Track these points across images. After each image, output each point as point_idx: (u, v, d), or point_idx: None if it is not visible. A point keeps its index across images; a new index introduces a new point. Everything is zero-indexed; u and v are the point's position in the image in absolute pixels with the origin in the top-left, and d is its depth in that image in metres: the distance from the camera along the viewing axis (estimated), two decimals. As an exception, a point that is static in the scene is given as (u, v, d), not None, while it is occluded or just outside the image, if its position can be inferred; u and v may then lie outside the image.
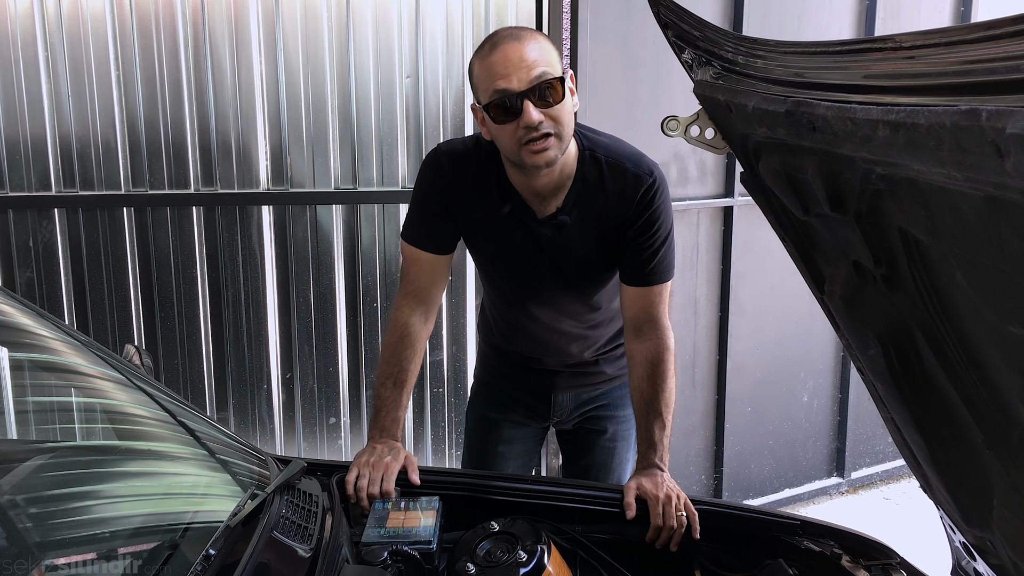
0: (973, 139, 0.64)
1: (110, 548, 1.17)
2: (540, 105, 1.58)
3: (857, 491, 4.22)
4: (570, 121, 1.64)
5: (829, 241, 1.28)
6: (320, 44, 2.94)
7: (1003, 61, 0.63)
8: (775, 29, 3.37)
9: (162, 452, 1.49)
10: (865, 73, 0.87)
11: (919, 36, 0.78)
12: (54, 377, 1.53)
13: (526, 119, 1.57)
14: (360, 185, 3.05)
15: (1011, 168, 0.60)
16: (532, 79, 1.56)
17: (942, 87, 0.72)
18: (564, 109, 1.61)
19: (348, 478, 1.62)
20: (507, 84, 1.57)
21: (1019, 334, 0.84)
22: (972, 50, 0.69)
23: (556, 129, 1.61)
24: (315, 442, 3.26)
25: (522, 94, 1.56)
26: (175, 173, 2.98)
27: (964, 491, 1.31)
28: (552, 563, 1.41)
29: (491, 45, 1.59)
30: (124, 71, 2.89)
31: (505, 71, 1.56)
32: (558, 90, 1.59)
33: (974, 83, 0.66)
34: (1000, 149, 0.61)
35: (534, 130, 1.58)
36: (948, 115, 0.67)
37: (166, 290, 3.07)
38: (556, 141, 1.62)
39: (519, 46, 1.57)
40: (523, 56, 1.56)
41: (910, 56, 0.80)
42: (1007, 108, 0.59)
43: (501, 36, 1.60)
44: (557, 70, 1.60)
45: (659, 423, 1.78)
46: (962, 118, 0.64)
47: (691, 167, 3.39)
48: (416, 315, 1.84)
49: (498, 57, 1.57)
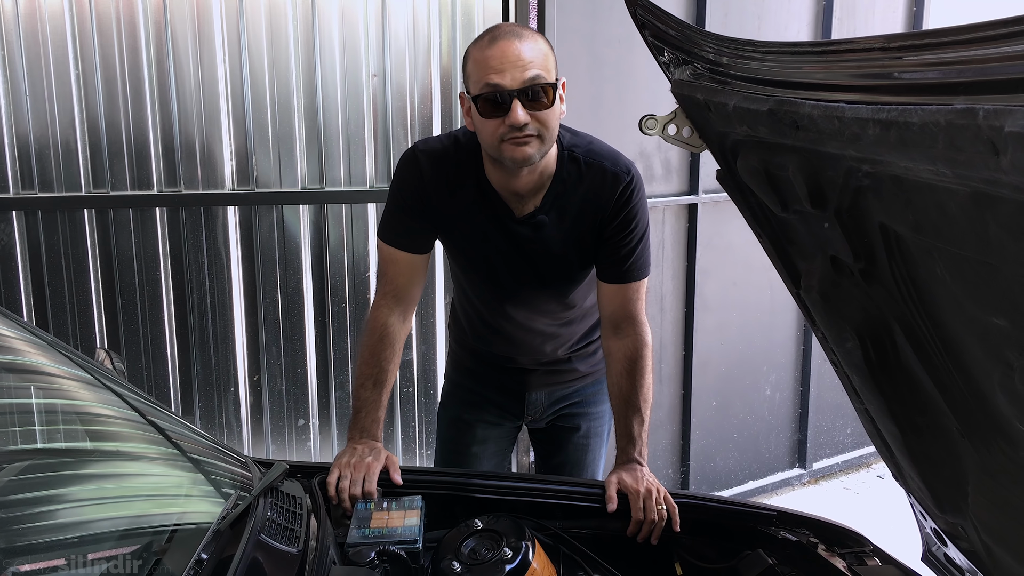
0: (968, 137, 0.66)
1: (95, 554, 1.15)
2: (529, 107, 1.58)
3: (818, 481, 4.30)
4: (555, 126, 1.65)
5: (807, 237, 1.30)
6: (285, 42, 2.92)
7: (997, 62, 0.66)
8: (736, 29, 3.42)
9: (143, 455, 1.47)
10: (851, 73, 0.89)
11: (907, 37, 0.80)
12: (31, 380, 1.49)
13: (512, 118, 1.58)
14: (327, 185, 3.03)
15: (1007, 165, 0.63)
16: (525, 80, 1.57)
17: (933, 86, 0.74)
18: (552, 114, 1.62)
19: (330, 479, 1.62)
20: (500, 80, 1.57)
21: (1001, 324, 0.87)
22: (963, 51, 0.71)
23: (540, 131, 1.62)
24: (284, 444, 3.23)
25: (513, 92, 1.57)
26: (137, 174, 2.92)
27: (938, 479, 1.35)
28: (536, 559, 1.42)
29: (491, 38, 1.59)
30: (84, 70, 2.84)
31: (500, 67, 1.56)
32: (549, 95, 1.60)
33: (968, 83, 0.69)
34: (996, 147, 0.63)
35: (519, 129, 1.58)
36: (943, 114, 0.69)
37: (129, 293, 3.02)
38: (538, 142, 1.63)
39: (518, 44, 1.57)
40: (520, 55, 1.56)
41: (897, 57, 0.82)
42: (1005, 107, 0.61)
43: (503, 31, 1.60)
44: (552, 75, 1.61)
45: (638, 418, 1.80)
46: (957, 116, 0.67)
47: (656, 165, 3.42)
48: (395, 315, 1.84)
49: (495, 51, 1.57)
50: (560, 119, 1.68)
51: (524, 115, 1.58)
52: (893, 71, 0.82)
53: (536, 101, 1.59)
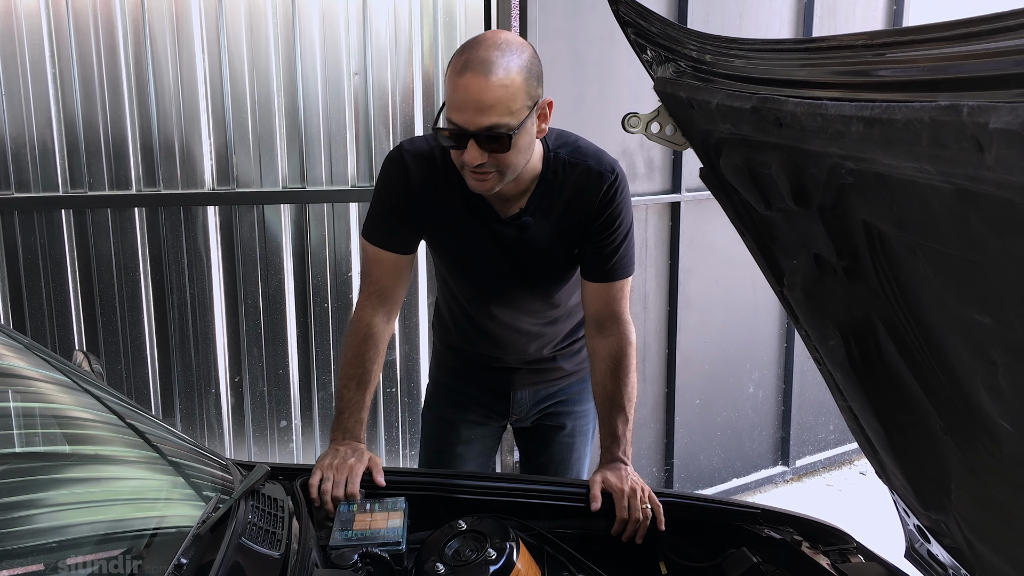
0: (952, 134, 0.66)
1: (73, 559, 1.14)
2: (485, 148, 1.54)
3: (801, 479, 4.32)
4: (518, 160, 1.61)
5: (790, 235, 1.30)
6: (265, 40, 2.89)
7: (981, 58, 0.65)
8: (717, 27, 3.43)
9: (120, 459, 1.45)
10: (835, 70, 0.89)
11: (888, 35, 0.80)
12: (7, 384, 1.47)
13: (467, 157, 1.55)
14: (308, 184, 3.01)
15: (991, 162, 0.62)
16: (481, 125, 1.52)
17: (916, 83, 0.74)
18: (510, 156, 1.57)
19: (312, 481, 1.60)
20: (459, 118, 1.53)
21: (984, 322, 0.87)
22: (946, 47, 0.71)
23: (499, 168, 1.59)
24: (266, 446, 3.20)
25: (469, 133, 1.54)
26: (115, 174, 2.89)
27: (921, 476, 1.35)
28: (521, 559, 1.41)
29: (463, 65, 1.52)
30: (60, 68, 2.80)
31: (461, 105, 1.52)
32: (505, 142, 1.54)
33: (951, 79, 0.68)
34: (980, 143, 0.63)
35: (476, 166, 1.57)
36: (927, 111, 0.68)
37: (108, 294, 2.98)
38: (497, 176, 1.61)
39: (482, 83, 1.49)
40: (482, 97, 1.50)
41: (880, 53, 0.82)
42: (989, 103, 0.60)
43: (473, 60, 1.51)
44: (518, 115, 1.54)
45: (622, 417, 1.80)
46: (941, 113, 0.66)
47: (639, 164, 3.42)
48: (379, 316, 1.82)
49: (460, 85, 1.51)
50: (541, 135, 1.66)
51: (479, 157, 1.55)
52: (876, 68, 0.82)
53: (492, 145, 1.54)
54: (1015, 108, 0.57)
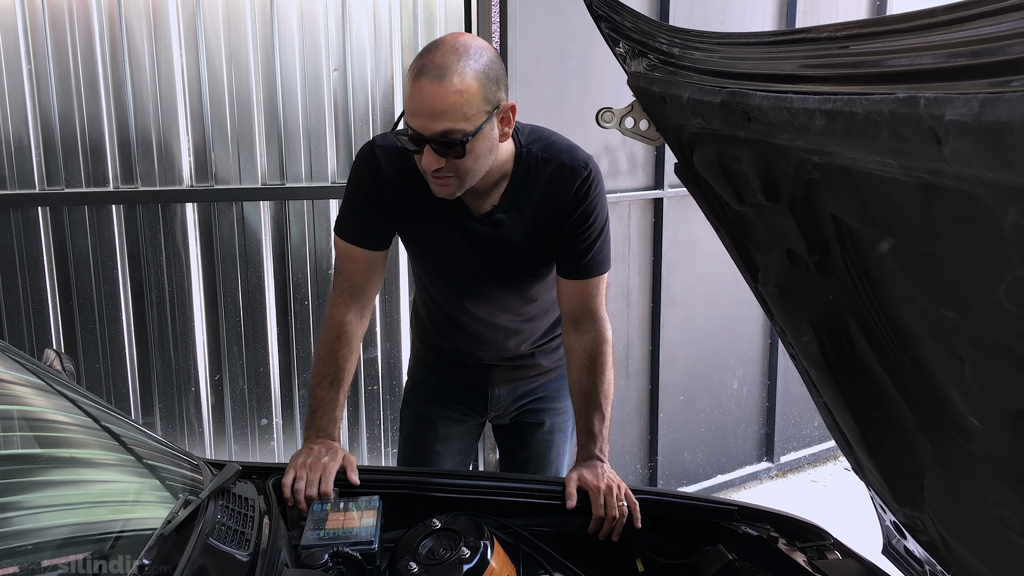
0: (911, 126, 0.65)
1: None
2: (440, 153, 1.54)
3: (786, 475, 4.33)
4: (476, 166, 1.59)
5: (763, 230, 1.30)
6: (243, 36, 2.86)
7: (938, 49, 0.64)
8: (700, 23, 3.42)
9: (88, 460, 1.43)
10: (800, 63, 0.88)
11: (853, 26, 0.79)
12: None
13: (423, 163, 1.55)
14: (288, 181, 2.99)
15: (948, 155, 0.61)
16: (435, 131, 1.51)
17: (877, 76, 0.73)
18: (466, 162, 1.56)
19: (285, 480, 1.59)
20: (414, 124, 1.52)
21: (951, 317, 0.86)
22: (906, 39, 0.70)
23: (458, 173, 1.58)
24: (247, 444, 3.18)
25: (424, 139, 1.53)
26: (92, 171, 2.86)
27: (895, 471, 1.35)
28: (495, 558, 1.40)
29: (418, 70, 1.50)
30: (36, 65, 2.77)
31: (416, 109, 1.51)
32: (459, 148, 1.53)
33: (910, 71, 0.67)
34: (938, 136, 0.62)
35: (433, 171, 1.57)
36: (886, 103, 0.68)
37: (86, 292, 2.95)
38: (457, 180, 1.60)
39: (436, 88, 1.48)
40: (434, 104, 1.48)
41: (844, 46, 0.81)
42: (945, 95, 0.60)
43: (428, 66, 1.50)
44: (473, 121, 1.52)
45: (598, 414, 1.79)
46: (900, 106, 0.65)
47: (622, 159, 3.41)
48: (352, 312, 1.80)
49: (416, 89, 1.50)
50: (503, 141, 1.65)
51: (434, 162, 1.55)
52: (840, 61, 0.81)
53: (447, 151, 1.54)
54: (969, 100, 0.56)
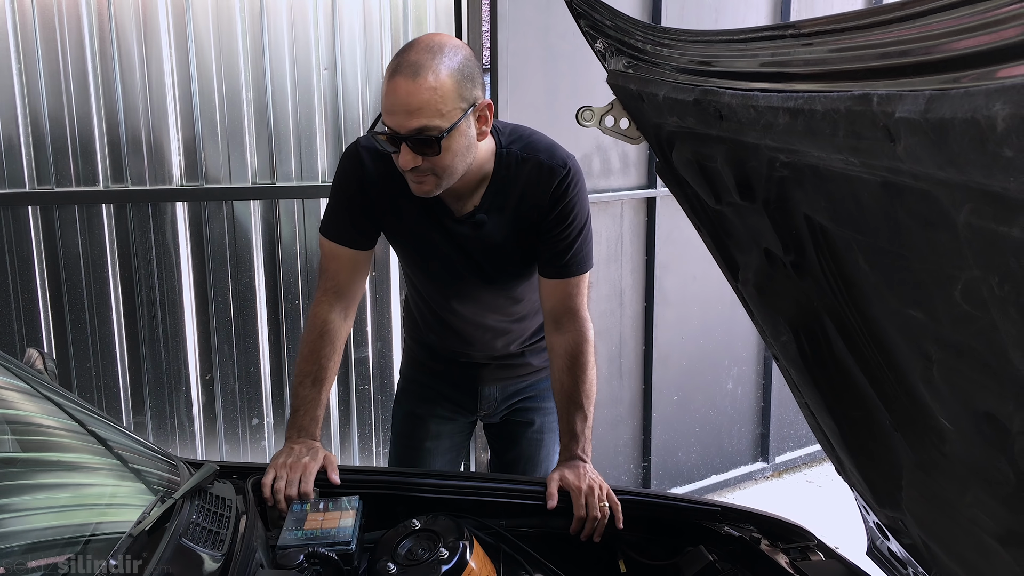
0: (866, 124, 0.64)
1: (4, 565, 1.11)
2: (417, 150, 1.54)
3: (781, 475, 4.32)
4: (453, 165, 1.59)
5: (741, 229, 1.29)
6: (233, 35, 2.86)
7: (893, 46, 0.64)
8: (693, 21, 3.41)
9: (64, 460, 1.42)
10: (764, 60, 0.87)
11: (816, 23, 0.78)
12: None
13: (400, 161, 1.56)
14: (278, 180, 2.98)
15: (902, 153, 0.61)
16: (410, 129, 1.51)
17: (837, 73, 0.72)
18: (443, 159, 1.56)
19: (265, 480, 1.58)
20: (390, 122, 1.53)
21: (918, 317, 0.85)
22: (864, 36, 0.69)
23: (435, 171, 1.58)
24: (237, 444, 3.18)
25: (400, 137, 1.53)
26: (82, 170, 2.85)
27: (875, 472, 1.34)
28: (474, 558, 1.39)
29: (395, 67, 1.52)
30: (26, 64, 2.76)
31: (391, 107, 1.51)
32: (435, 146, 1.53)
33: (866, 68, 0.67)
34: (891, 133, 0.61)
35: (411, 170, 1.57)
36: (842, 100, 0.67)
37: (76, 292, 2.95)
38: (434, 179, 1.60)
39: (410, 86, 1.49)
40: (409, 101, 1.49)
41: (808, 43, 0.80)
42: (897, 92, 0.59)
43: (403, 64, 1.51)
44: (448, 118, 1.53)
45: (580, 415, 1.78)
46: (855, 103, 0.65)
47: (614, 159, 3.40)
48: (335, 312, 1.80)
49: (391, 87, 1.51)
50: (481, 140, 1.65)
51: (411, 160, 1.55)
52: (802, 58, 0.80)
53: (423, 148, 1.54)
54: (917, 97, 0.56)
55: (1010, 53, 0.46)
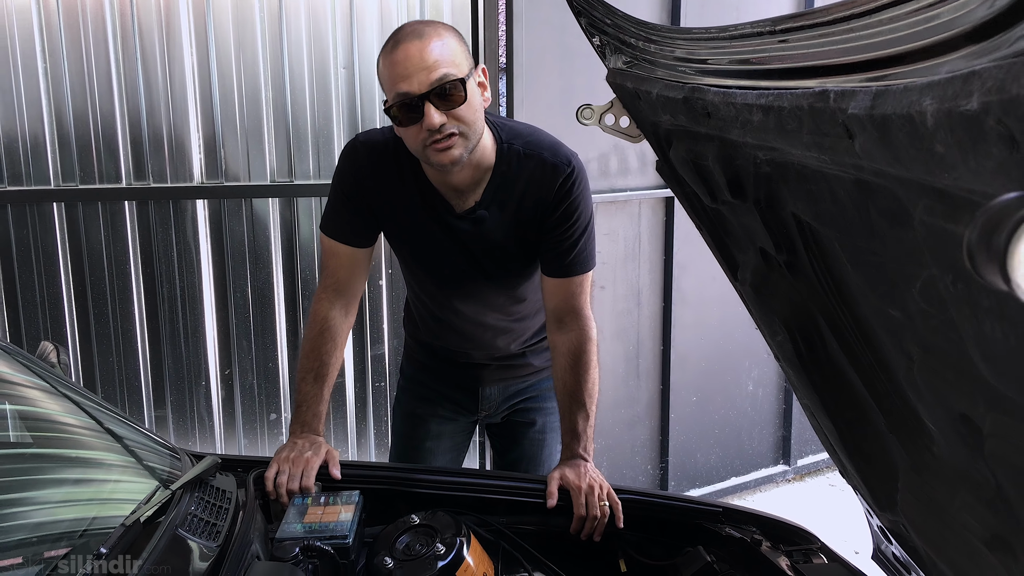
0: (827, 121, 0.64)
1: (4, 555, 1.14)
2: (442, 107, 1.54)
3: (803, 478, 4.27)
4: (476, 119, 1.61)
5: (737, 228, 1.28)
6: (252, 34, 2.89)
7: (853, 42, 0.63)
8: (712, 19, 3.39)
9: (70, 452, 1.45)
10: (744, 57, 0.87)
11: (789, 19, 0.78)
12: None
13: (427, 122, 1.54)
14: (297, 178, 3.01)
15: (859, 149, 0.60)
16: (433, 81, 1.52)
17: (804, 70, 0.72)
18: (469, 108, 1.57)
19: (267, 474, 1.60)
20: (408, 87, 1.52)
21: (896, 316, 0.84)
22: (830, 32, 0.69)
23: (461, 128, 1.57)
24: (256, 439, 3.22)
25: (423, 96, 1.52)
26: (106, 167, 2.91)
27: (873, 475, 1.33)
28: (471, 554, 1.40)
29: (394, 43, 1.54)
30: (51, 63, 2.82)
31: (406, 72, 1.52)
32: (460, 91, 1.54)
33: (828, 65, 0.66)
34: (849, 130, 0.61)
35: (437, 132, 1.55)
36: (805, 97, 0.67)
37: (99, 287, 3.00)
38: (462, 140, 1.59)
39: (420, 45, 1.51)
40: (423, 56, 1.51)
41: (783, 40, 0.80)
42: (850, 88, 0.59)
43: (404, 33, 1.54)
44: (462, 69, 1.56)
45: (582, 414, 1.77)
46: (815, 100, 0.64)
47: (631, 158, 3.39)
48: (336, 308, 1.81)
49: (399, 56, 1.52)
50: (484, 106, 1.65)
51: (439, 117, 1.54)
52: (776, 54, 0.80)
53: (448, 100, 1.54)
54: (865, 93, 0.55)
55: (939, 49, 0.46)
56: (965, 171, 0.44)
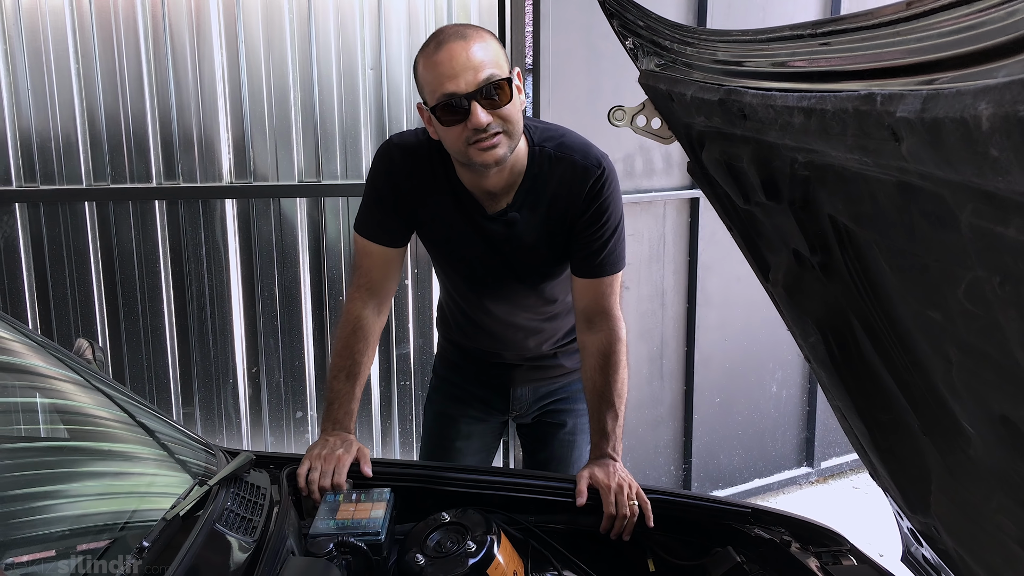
0: (872, 124, 0.64)
1: (45, 547, 1.16)
2: (488, 106, 1.56)
3: (827, 480, 4.25)
4: (519, 119, 1.63)
5: (770, 229, 1.28)
6: (282, 35, 2.92)
7: (898, 46, 0.64)
8: (739, 18, 3.38)
9: (109, 448, 1.48)
10: (783, 60, 0.87)
11: (833, 22, 0.78)
12: None
13: (474, 121, 1.55)
14: (324, 178, 3.04)
15: (906, 152, 0.61)
16: (480, 81, 1.54)
17: (848, 73, 0.72)
18: (512, 108, 1.60)
19: (299, 471, 1.62)
20: (455, 87, 1.54)
21: (936, 318, 0.84)
22: (872, 35, 0.69)
23: (505, 127, 1.60)
24: (282, 436, 3.24)
25: (470, 95, 1.54)
26: (137, 167, 2.95)
27: (905, 477, 1.33)
28: (502, 552, 1.41)
29: (436, 44, 1.56)
30: (84, 64, 2.86)
31: (452, 72, 1.54)
32: (506, 91, 1.57)
33: (874, 68, 0.67)
34: (895, 133, 0.61)
35: (483, 131, 1.56)
36: (850, 100, 0.67)
37: (129, 285, 3.04)
38: (505, 138, 1.61)
39: (466, 45, 1.54)
40: (470, 57, 1.54)
41: (825, 43, 0.80)
42: (898, 91, 0.59)
43: (447, 34, 1.57)
44: (504, 70, 1.58)
45: (611, 413, 1.78)
46: (861, 103, 0.65)
47: (656, 159, 3.39)
48: (369, 308, 1.83)
49: (444, 56, 1.54)
50: (522, 109, 1.67)
51: (486, 116, 1.56)
52: (818, 57, 0.80)
53: (494, 99, 1.57)
54: (915, 96, 0.56)
55: (994, 53, 0.46)
56: (1020, 175, 0.45)
